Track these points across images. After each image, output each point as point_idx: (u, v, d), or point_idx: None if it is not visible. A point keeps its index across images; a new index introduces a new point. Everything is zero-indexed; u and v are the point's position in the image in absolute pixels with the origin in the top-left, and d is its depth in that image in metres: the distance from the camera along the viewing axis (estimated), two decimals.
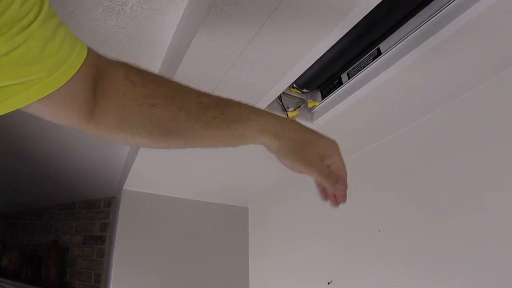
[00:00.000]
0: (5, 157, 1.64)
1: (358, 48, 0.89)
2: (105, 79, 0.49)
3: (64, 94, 0.43)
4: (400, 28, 0.82)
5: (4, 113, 0.38)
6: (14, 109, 0.39)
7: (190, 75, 0.86)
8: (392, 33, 0.84)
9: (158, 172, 1.54)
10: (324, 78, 1.01)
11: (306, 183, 1.63)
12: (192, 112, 0.51)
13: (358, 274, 1.25)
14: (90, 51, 0.45)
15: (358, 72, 0.93)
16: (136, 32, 0.93)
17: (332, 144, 0.60)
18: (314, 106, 1.07)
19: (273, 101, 0.99)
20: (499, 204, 0.89)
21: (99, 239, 1.98)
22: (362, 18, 0.70)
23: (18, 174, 1.85)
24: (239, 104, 0.54)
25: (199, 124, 0.51)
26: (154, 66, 1.05)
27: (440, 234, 1.01)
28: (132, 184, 1.66)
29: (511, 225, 0.86)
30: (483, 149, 0.96)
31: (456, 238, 0.97)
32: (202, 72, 0.85)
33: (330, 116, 1.06)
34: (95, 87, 0.48)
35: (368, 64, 0.90)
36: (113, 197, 2.06)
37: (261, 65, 0.83)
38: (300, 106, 1.06)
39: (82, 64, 0.43)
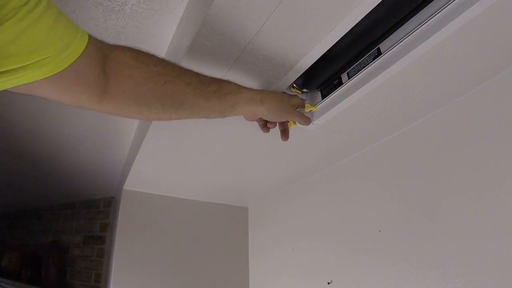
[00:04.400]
0: (5, 157, 1.64)
1: (358, 48, 0.89)
2: (113, 61, 0.55)
3: (71, 74, 0.47)
4: (400, 28, 0.82)
5: (11, 86, 0.42)
6: (22, 84, 0.42)
7: None
8: (392, 33, 0.84)
9: (158, 172, 1.54)
10: (324, 78, 1.01)
11: (306, 183, 1.63)
12: (198, 87, 0.63)
13: (358, 274, 1.25)
14: (91, 36, 0.51)
15: (358, 72, 0.93)
16: (136, 32, 0.93)
17: (290, 100, 0.85)
18: (311, 111, 1.07)
19: None
20: (499, 204, 0.89)
21: (99, 239, 1.98)
22: (362, 18, 0.70)
23: (17, 174, 1.85)
24: (229, 81, 0.70)
25: (203, 97, 0.64)
26: None
27: (441, 234, 1.01)
28: (132, 184, 1.66)
29: None
30: (483, 149, 0.96)
31: (456, 238, 0.97)
32: (202, 72, 0.85)
33: (330, 116, 1.06)
34: (102, 68, 0.53)
35: (368, 64, 0.90)
36: (113, 197, 2.06)
37: (261, 65, 0.83)
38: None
39: (86, 47, 0.48)
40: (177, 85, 0.61)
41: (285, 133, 0.86)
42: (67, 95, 0.50)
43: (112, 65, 0.54)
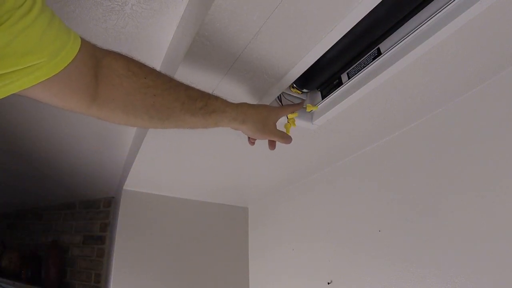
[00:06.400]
0: (5, 157, 1.64)
1: (358, 48, 0.89)
2: (104, 68, 0.55)
3: (63, 78, 0.47)
4: (400, 28, 0.82)
5: (5, 95, 0.41)
6: (16, 92, 0.42)
7: (190, 75, 0.86)
8: (392, 33, 0.84)
9: (158, 172, 1.54)
10: (324, 78, 1.01)
11: (306, 183, 1.63)
12: (185, 103, 0.64)
13: (358, 274, 1.25)
14: (83, 40, 0.51)
15: (358, 72, 0.93)
16: (136, 32, 0.93)
17: (278, 115, 0.85)
18: (312, 110, 1.07)
19: (273, 101, 0.99)
20: (499, 204, 0.89)
21: (99, 239, 1.98)
22: (362, 18, 0.70)
23: (17, 174, 1.85)
24: (216, 98, 0.70)
25: (189, 112, 0.65)
26: (154, 66, 1.05)
27: (441, 234, 1.01)
28: (132, 184, 1.66)
29: None
30: (483, 149, 0.96)
31: (456, 238, 0.97)
32: (202, 72, 0.85)
33: (330, 116, 1.06)
34: (94, 73, 0.53)
35: (368, 64, 0.90)
36: (113, 197, 2.06)
37: (261, 66, 0.83)
38: (294, 112, 1.05)
39: (78, 51, 0.48)
40: (166, 99, 0.61)
41: (271, 144, 0.88)
42: (58, 99, 0.50)
43: (104, 72, 0.54)
